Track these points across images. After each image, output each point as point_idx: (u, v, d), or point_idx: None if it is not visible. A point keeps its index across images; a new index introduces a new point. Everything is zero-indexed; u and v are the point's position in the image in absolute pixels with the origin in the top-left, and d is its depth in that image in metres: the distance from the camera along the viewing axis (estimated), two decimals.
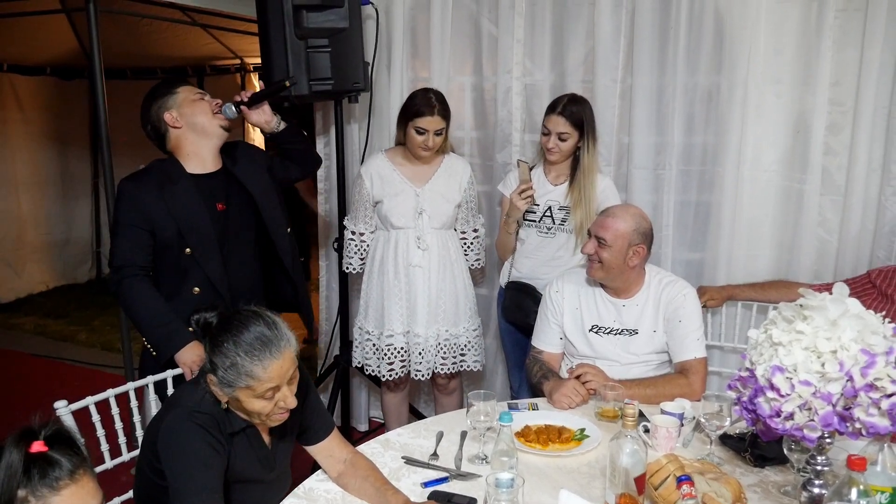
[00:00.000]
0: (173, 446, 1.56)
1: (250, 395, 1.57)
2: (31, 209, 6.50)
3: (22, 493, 1.11)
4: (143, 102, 2.40)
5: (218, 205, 2.40)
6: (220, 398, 1.61)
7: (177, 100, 2.37)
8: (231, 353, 1.55)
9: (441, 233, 2.94)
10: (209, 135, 2.40)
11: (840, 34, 2.69)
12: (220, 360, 1.56)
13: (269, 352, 1.56)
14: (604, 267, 2.35)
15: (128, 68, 6.67)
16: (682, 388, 2.26)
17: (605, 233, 2.33)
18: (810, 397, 1.46)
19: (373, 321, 3.02)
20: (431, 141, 2.81)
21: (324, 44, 2.87)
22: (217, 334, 1.59)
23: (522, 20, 3.13)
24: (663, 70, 2.93)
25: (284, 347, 1.58)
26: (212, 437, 1.58)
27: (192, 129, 2.38)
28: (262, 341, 1.56)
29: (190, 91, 2.41)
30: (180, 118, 2.36)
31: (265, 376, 1.55)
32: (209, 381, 1.59)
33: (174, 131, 2.38)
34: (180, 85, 2.42)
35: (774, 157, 2.86)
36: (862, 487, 1.36)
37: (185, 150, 2.39)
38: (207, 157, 2.42)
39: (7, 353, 5.20)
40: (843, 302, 1.51)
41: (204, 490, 1.53)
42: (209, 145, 2.41)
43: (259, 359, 1.55)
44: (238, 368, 1.55)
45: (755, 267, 2.94)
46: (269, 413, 1.61)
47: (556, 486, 1.73)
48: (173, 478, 1.54)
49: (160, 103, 2.37)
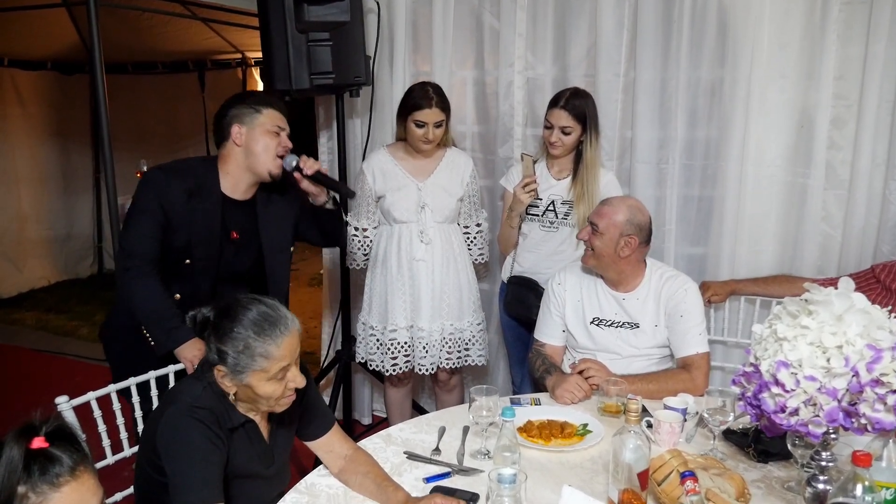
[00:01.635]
0: (173, 442, 1.55)
1: (263, 378, 1.58)
2: (32, 204, 6.50)
3: (22, 489, 1.11)
4: (229, 100, 2.31)
5: (233, 233, 2.34)
6: (228, 389, 1.60)
7: (255, 120, 2.27)
8: (242, 336, 1.56)
9: (444, 227, 2.94)
10: (257, 171, 2.30)
11: (844, 28, 2.68)
12: (231, 346, 1.56)
13: (278, 329, 1.58)
14: (595, 255, 2.36)
15: (129, 63, 6.67)
16: (685, 383, 2.26)
17: (600, 220, 2.34)
18: (815, 393, 1.45)
19: (376, 316, 3.01)
20: (431, 133, 2.80)
21: (325, 37, 2.86)
22: (220, 324, 1.59)
23: (524, 14, 3.12)
24: (666, 64, 2.92)
25: (291, 324, 1.61)
26: (211, 431, 1.57)
27: (247, 154, 2.28)
28: (269, 321, 1.58)
29: (272, 119, 2.28)
30: (245, 138, 2.27)
31: (279, 354, 1.57)
32: (217, 372, 1.59)
33: (231, 145, 2.29)
34: (269, 107, 2.30)
35: (778, 152, 2.85)
36: (867, 483, 1.35)
37: (229, 168, 2.30)
38: (242, 185, 2.33)
39: (8, 348, 5.20)
40: (848, 297, 1.50)
41: (204, 485, 1.52)
42: (250, 178, 2.32)
43: (271, 337, 1.57)
44: (252, 350, 1.56)
45: (758, 262, 2.93)
46: (279, 396, 1.62)
47: (559, 481, 1.73)
48: (173, 473, 1.53)
49: (240, 112, 2.28)
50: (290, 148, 2.34)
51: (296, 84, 2.86)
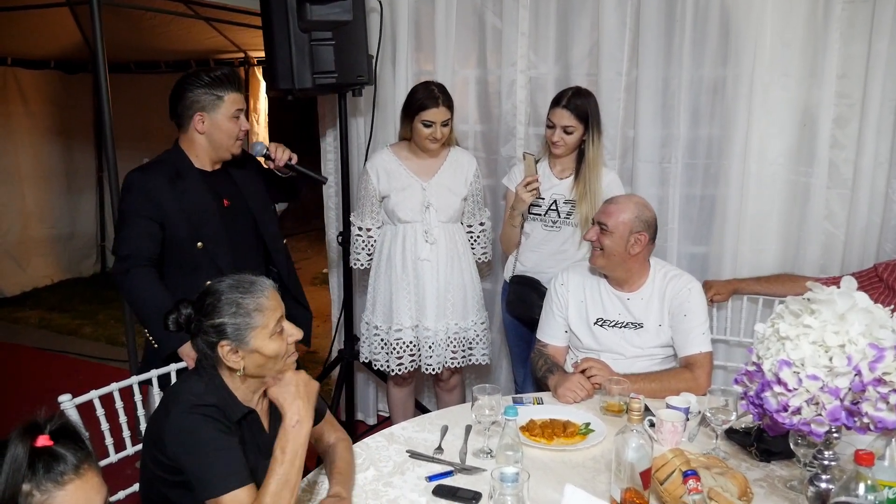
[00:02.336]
0: (185, 441, 1.55)
1: (265, 335, 1.60)
2: (35, 203, 6.50)
3: (26, 487, 1.11)
4: (186, 81, 2.33)
5: (224, 200, 2.41)
6: (236, 365, 1.61)
7: (217, 109, 2.32)
8: (230, 300, 1.60)
9: (448, 226, 2.94)
10: (220, 155, 2.41)
11: (847, 26, 2.67)
12: (226, 314, 1.59)
13: (258, 285, 1.64)
14: (605, 254, 2.34)
15: (132, 62, 6.67)
16: (688, 382, 2.26)
17: (608, 219, 2.33)
18: (818, 392, 1.45)
19: (381, 316, 3.01)
20: (439, 132, 2.81)
21: (327, 37, 2.86)
22: (204, 308, 1.61)
23: (527, 13, 3.11)
24: (669, 63, 2.91)
25: (265, 280, 1.67)
26: (221, 423, 1.58)
27: (210, 140, 2.36)
28: (246, 281, 1.64)
29: (233, 104, 2.34)
30: (207, 126, 2.33)
31: (270, 304, 1.62)
32: (221, 349, 1.59)
33: (194, 132, 2.35)
34: (229, 91, 2.34)
35: (781, 151, 2.85)
36: (869, 482, 1.35)
37: (195, 151, 2.38)
38: (210, 162, 2.42)
39: (12, 346, 5.21)
40: (851, 296, 1.50)
41: (229, 473, 1.52)
42: (216, 157, 2.42)
43: (256, 292, 1.62)
44: (245, 307, 1.59)
45: (761, 261, 2.93)
46: (284, 353, 1.65)
47: (561, 480, 1.73)
48: (195, 471, 1.53)
49: (199, 98, 2.31)
50: (247, 129, 2.43)
51: (298, 83, 2.87)
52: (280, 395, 1.59)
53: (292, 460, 1.52)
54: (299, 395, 1.58)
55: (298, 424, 1.56)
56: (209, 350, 1.62)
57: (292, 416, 1.56)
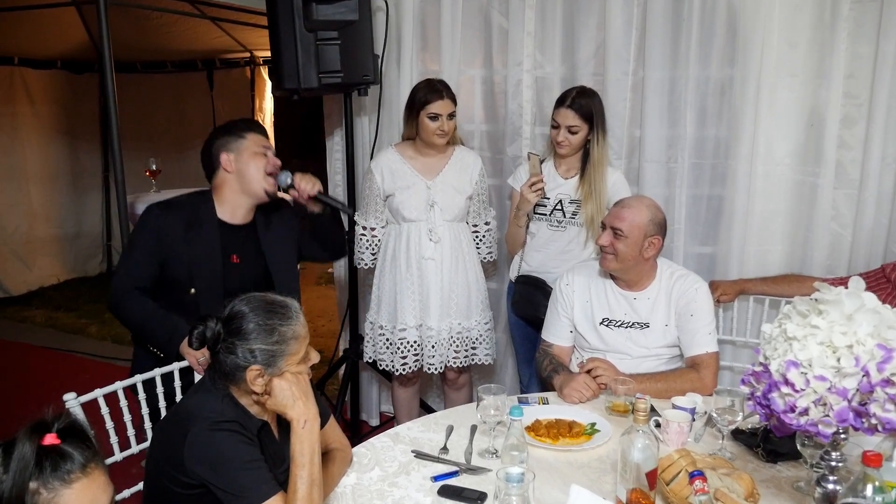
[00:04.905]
0: (211, 459, 1.53)
1: (294, 361, 1.61)
2: (41, 203, 6.53)
3: (34, 485, 1.11)
4: (212, 133, 2.42)
5: (233, 256, 2.39)
6: (259, 389, 1.59)
7: (240, 145, 2.36)
8: (267, 329, 1.58)
9: (453, 225, 2.94)
10: (253, 192, 2.38)
11: (855, 26, 2.66)
12: (264, 341, 1.57)
13: (290, 310, 1.62)
14: (618, 258, 2.33)
15: (138, 62, 6.70)
16: (694, 382, 2.25)
17: (622, 223, 2.30)
18: (825, 392, 1.44)
19: (385, 315, 3.01)
20: (446, 125, 2.81)
21: (333, 36, 2.87)
22: (234, 327, 1.58)
23: (533, 12, 3.11)
24: (675, 63, 2.91)
25: (294, 303, 1.65)
26: (244, 437, 1.58)
27: (239, 178, 2.36)
28: (278, 305, 1.62)
29: (256, 142, 2.38)
30: (235, 163, 2.35)
31: (304, 332, 1.63)
32: (250, 373, 1.57)
33: (223, 173, 2.37)
34: (251, 132, 2.40)
35: (788, 151, 2.84)
36: (877, 484, 1.35)
37: (224, 195, 2.38)
38: (240, 210, 2.40)
39: (18, 345, 5.23)
40: (858, 296, 1.49)
41: (264, 483, 1.52)
42: (247, 202, 2.40)
43: (290, 319, 1.61)
44: (284, 334, 1.58)
45: (768, 261, 2.92)
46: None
47: (567, 480, 1.73)
48: (225, 487, 1.52)
49: (224, 141, 2.37)
50: (279, 165, 2.43)
51: (304, 83, 2.87)
52: (278, 404, 1.59)
53: (311, 459, 1.54)
54: (296, 396, 1.58)
55: (307, 424, 1.56)
56: (235, 370, 1.60)
57: (299, 417, 1.56)
